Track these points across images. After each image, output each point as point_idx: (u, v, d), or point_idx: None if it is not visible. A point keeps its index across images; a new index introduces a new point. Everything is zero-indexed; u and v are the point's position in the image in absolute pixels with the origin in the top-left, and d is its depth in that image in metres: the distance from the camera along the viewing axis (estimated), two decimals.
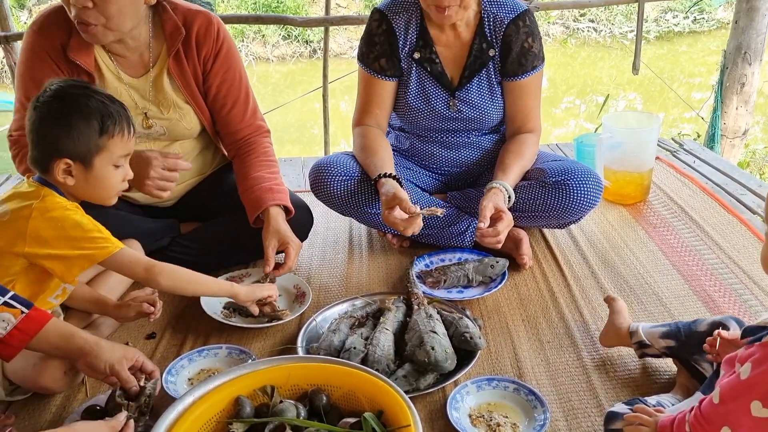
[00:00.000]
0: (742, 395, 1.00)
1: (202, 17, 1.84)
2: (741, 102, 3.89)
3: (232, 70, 1.91)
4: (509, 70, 2.01)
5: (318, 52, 8.66)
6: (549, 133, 6.26)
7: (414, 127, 2.14)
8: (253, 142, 1.97)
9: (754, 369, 1.00)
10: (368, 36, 2.05)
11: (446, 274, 1.90)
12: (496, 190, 1.87)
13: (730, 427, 1.01)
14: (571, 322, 1.75)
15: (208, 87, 1.90)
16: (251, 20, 6.15)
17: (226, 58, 1.89)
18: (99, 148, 1.44)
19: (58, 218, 1.41)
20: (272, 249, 1.80)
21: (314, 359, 1.40)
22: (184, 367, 1.57)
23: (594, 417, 1.41)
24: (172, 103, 1.87)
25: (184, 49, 1.83)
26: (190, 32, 1.82)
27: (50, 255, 1.40)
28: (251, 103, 1.97)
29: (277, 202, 1.84)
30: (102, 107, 1.43)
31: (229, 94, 1.91)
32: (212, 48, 1.86)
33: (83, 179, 1.45)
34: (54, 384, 1.47)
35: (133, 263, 1.47)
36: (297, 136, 6.63)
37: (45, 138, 1.43)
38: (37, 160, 1.45)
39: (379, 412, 1.23)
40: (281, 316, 1.74)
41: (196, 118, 1.92)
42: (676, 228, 2.25)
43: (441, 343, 1.51)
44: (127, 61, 1.82)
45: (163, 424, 1.18)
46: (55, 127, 1.41)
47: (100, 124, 1.42)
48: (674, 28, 9.65)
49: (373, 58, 2.03)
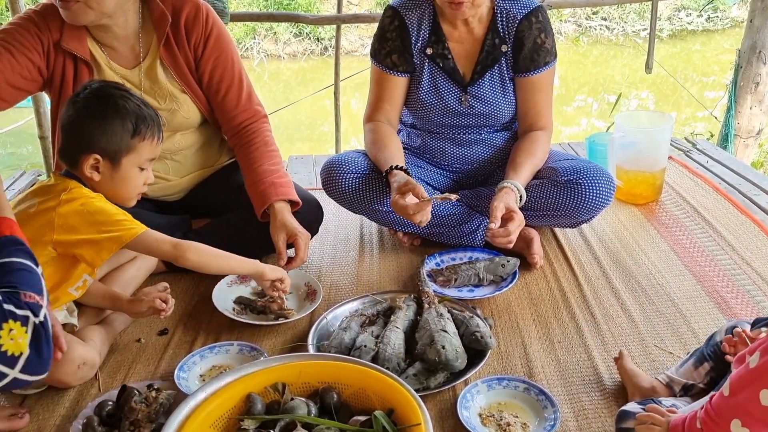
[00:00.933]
0: (751, 384, 0.99)
1: (190, 4, 1.86)
2: (755, 101, 3.86)
3: (224, 55, 1.92)
4: (521, 65, 2.01)
5: (329, 50, 8.66)
6: (560, 132, 6.24)
7: (426, 123, 2.14)
8: (253, 129, 1.97)
9: (763, 356, 0.99)
10: (381, 32, 2.05)
11: (457, 273, 1.90)
12: (508, 189, 1.86)
13: (741, 420, 1.00)
14: (582, 322, 1.74)
15: (201, 73, 1.91)
16: (263, 18, 6.17)
17: (216, 42, 1.90)
18: (129, 148, 1.51)
19: (85, 205, 1.47)
20: (282, 242, 1.82)
21: (325, 357, 1.41)
22: (195, 363, 1.58)
23: (605, 417, 1.40)
24: (168, 93, 1.89)
25: (175, 37, 1.85)
26: (179, 20, 1.84)
27: (80, 241, 1.45)
28: (245, 88, 1.98)
29: (281, 197, 1.85)
30: (137, 110, 1.51)
31: (222, 80, 1.92)
32: (202, 33, 1.87)
33: (109, 177, 1.52)
34: (68, 377, 1.49)
35: (159, 242, 1.52)
36: (308, 133, 6.64)
37: (79, 132, 1.49)
38: (68, 153, 1.51)
39: (390, 410, 1.23)
40: (287, 315, 1.74)
41: (194, 107, 1.94)
42: (688, 228, 2.24)
43: (451, 342, 1.51)
44: (118, 53, 1.84)
45: (175, 420, 1.19)
46: (91, 123, 1.48)
47: (134, 126, 1.50)
48: (688, 26, 9.57)
49: (386, 54, 2.04)
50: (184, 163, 2.02)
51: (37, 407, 1.48)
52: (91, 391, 1.52)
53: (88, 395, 1.51)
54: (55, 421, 1.43)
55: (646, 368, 1.54)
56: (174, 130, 1.94)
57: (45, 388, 1.52)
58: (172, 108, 1.90)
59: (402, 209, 1.78)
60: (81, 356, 1.49)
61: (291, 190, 1.90)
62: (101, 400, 1.41)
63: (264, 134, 1.98)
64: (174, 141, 1.95)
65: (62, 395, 1.51)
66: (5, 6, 6.39)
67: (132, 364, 1.62)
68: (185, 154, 2.00)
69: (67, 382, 1.50)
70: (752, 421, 1.00)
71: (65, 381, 1.49)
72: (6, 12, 6.65)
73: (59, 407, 1.47)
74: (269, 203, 1.84)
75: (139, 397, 1.38)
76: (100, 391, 1.52)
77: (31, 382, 1.17)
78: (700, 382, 1.35)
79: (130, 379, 1.56)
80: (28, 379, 1.15)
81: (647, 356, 1.60)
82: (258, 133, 1.97)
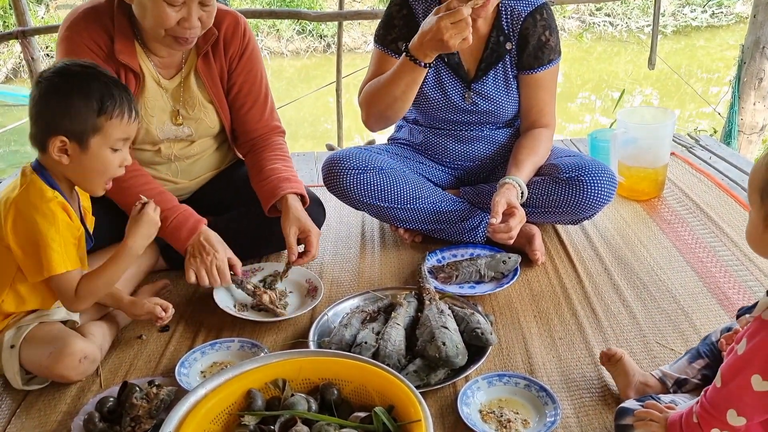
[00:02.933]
0: (741, 371, 0.99)
1: (230, 17, 1.86)
2: (759, 97, 3.84)
3: (255, 71, 1.92)
4: (525, 63, 2.00)
5: (332, 47, 8.66)
6: (564, 129, 6.23)
7: (429, 119, 2.14)
8: (268, 139, 1.98)
9: (749, 342, 0.99)
10: (388, 19, 2.05)
11: (458, 270, 1.90)
12: (509, 185, 1.86)
13: (736, 409, 1.01)
14: (584, 319, 1.74)
15: (231, 86, 1.91)
16: (265, 15, 6.17)
17: (250, 58, 1.90)
18: (96, 128, 1.42)
19: (27, 218, 1.42)
20: (293, 236, 1.80)
21: (326, 353, 1.41)
22: (196, 359, 1.58)
23: (605, 414, 1.40)
24: (198, 102, 1.89)
25: (213, 48, 1.85)
26: (219, 31, 1.83)
27: (11, 247, 1.44)
28: (269, 104, 1.99)
29: (294, 190, 1.85)
30: (104, 88, 1.42)
31: (249, 94, 1.93)
32: (239, 48, 1.88)
33: (78, 159, 1.44)
34: (70, 372, 1.49)
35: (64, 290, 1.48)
36: (311, 130, 6.64)
37: (43, 114, 1.43)
38: (36, 136, 1.45)
39: (390, 406, 1.23)
40: (277, 312, 1.74)
41: (217, 118, 1.94)
42: (690, 224, 2.23)
43: (452, 339, 1.51)
44: (164, 63, 1.83)
45: (175, 416, 1.19)
46: (54, 103, 1.41)
47: (99, 104, 1.41)
48: (692, 22, 9.54)
49: (391, 40, 2.03)
50: (194, 168, 2.01)
51: (39, 403, 1.48)
52: (92, 388, 1.53)
53: (89, 391, 1.52)
54: (56, 417, 1.44)
55: (647, 364, 1.54)
56: (197, 138, 1.95)
57: (48, 383, 1.53)
58: (200, 117, 1.90)
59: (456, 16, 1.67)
60: (82, 350, 1.49)
61: (301, 186, 1.90)
62: (102, 396, 1.41)
63: (278, 142, 1.99)
64: (191, 148, 1.96)
65: (64, 391, 1.51)
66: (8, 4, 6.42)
67: (133, 361, 1.63)
68: (197, 159, 2.01)
69: (69, 377, 1.49)
70: (747, 409, 1.00)
71: (66, 376, 1.49)
72: (10, 10, 6.67)
73: (61, 403, 1.48)
74: (282, 194, 1.83)
75: (140, 393, 1.38)
76: (102, 388, 1.52)
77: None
78: (693, 377, 1.36)
79: (131, 376, 1.56)
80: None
81: (648, 352, 1.60)
82: (273, 141, 1.98)
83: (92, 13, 1.74)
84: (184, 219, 1.78)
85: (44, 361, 1.47)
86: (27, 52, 3.73)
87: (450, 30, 1.69)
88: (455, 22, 1.68)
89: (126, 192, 1.76)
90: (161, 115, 1.86)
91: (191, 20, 1.65)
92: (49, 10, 8.79)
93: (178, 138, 1.91)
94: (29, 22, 3.65)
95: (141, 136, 1.86)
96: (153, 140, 1.88)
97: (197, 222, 1.78)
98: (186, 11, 1.64)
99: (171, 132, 1.88)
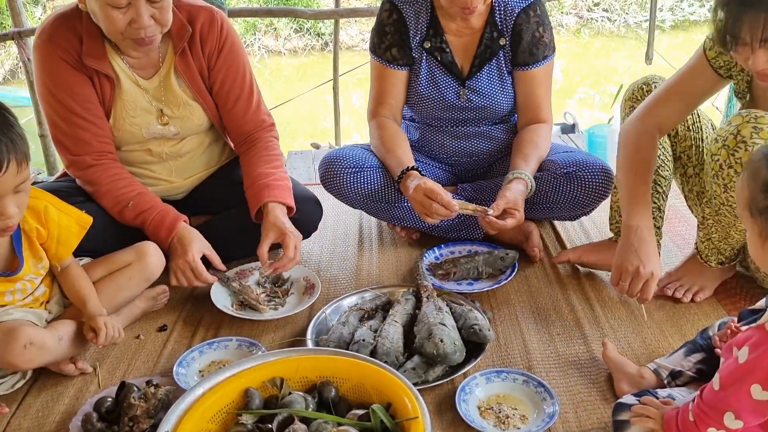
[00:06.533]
0: (741, 379, 1.00)
1: (204, 13, 1.84)
2: None
3: (236, 65, 1.91)
4: (520, 59, 2.00)
5: (330, 45, 8.65)
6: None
7: (424, 117, 2.14)
8: (257, 137, 1.97)
9: (752, 352, 0.99)
10: (379, 26, 2.05)
11: (456, 267, 1.90)
12: (520, 179, 1.85)
13: (733, 412, 1.01)
14: (581, 315, 1.74)
15: (213, 82, 1.90)
16: (261, 13, 6.18)
17: (230, 53, 1.89)
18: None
19: None
20: (266, 246, 1.75)
21: (323, 351, 1.41)
22: (194, 359, 1.59)
23: (603, 409, 1.40)
24: (181, 101, 1.88)
25: (190, 46, 1.83)
26: (194, 28, 1.82)
27: None
28: (255, 98, 1.97)
29: (272, 199, 1.80)
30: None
31: (232, 90, 1.92)
32: (216, 43, 1.86)
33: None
34: (16, 359, 1.42)
35: None
36: (309, 129, 6.63)
37: None
38: None
39: (388, 404, 1.23)
40: (260, 309, 1.75)
41: (204, 115, 1.93)
42: (688, 219, 2.23)
43: (450, 336, 1.51)
44: (140, 63, 1.82)
45: (173, 414, 1.19)
46: None
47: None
48: (690, 16, 9.53)
49: (385, 48, 2.03)
50: (188, 166, 2.01)
51: (37, 404, 1.48)
52: (90, 388, 1.53)
53: (87, 392, 1.52)
54: (54, 418, 1.44)
55: (645, 361, 1.53)
56: (186, 135, 1.95)
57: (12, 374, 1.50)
58: (185, 115, 1.90)
59: (427, 206, 1.78)
60: (27, 336, 1.42)
61: (284, 193, 1.84)
62: (100, 397, 1.41)
63: (267, 140, 1.97)
64: (182, 146, 1.95)
65: (61, 392, 1.51)
66: (5, 5, 6.40)
67: (131, 361, 1.63)
68: (190, 157, 2.00)
69: (15, 363, 1.43)
70: (744, 414, 1.01)
71: (13, 363, 1.42)
72: (6, 11, 6.66)
73: (58, 404, 1.48)
74: (260, 204, 1.81)
75: (138, 393, 1.38)
76: (100, 388, 1.53)
77: None
78: (688, 370, 1.36)
79: (129, 375, 1.57)
80: None
81: (646, 348, 1.60)
82: (261, 139, 1.96)
83: (62, 20, 1.75)
84: (161, 219, 1.78)
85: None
86: (23, 53, 3.71)
87: (435, 216, 1.79)
88: (442, 215, 1.78)
89: (106, 196, 1.80)
90: (145, 115, 1.86)
91: (141, 20, 1.63)
92: (46, 10, 8.78)
93: (165, 137, 1.91)
94: (26, 22, 3.64)
95: (125, 138, 1.86)
96: (138, 140, 1.88)
97: (173, 221, 1.78)
98: (134, 12, 1.62)
99: (158, 131, 1.88)
